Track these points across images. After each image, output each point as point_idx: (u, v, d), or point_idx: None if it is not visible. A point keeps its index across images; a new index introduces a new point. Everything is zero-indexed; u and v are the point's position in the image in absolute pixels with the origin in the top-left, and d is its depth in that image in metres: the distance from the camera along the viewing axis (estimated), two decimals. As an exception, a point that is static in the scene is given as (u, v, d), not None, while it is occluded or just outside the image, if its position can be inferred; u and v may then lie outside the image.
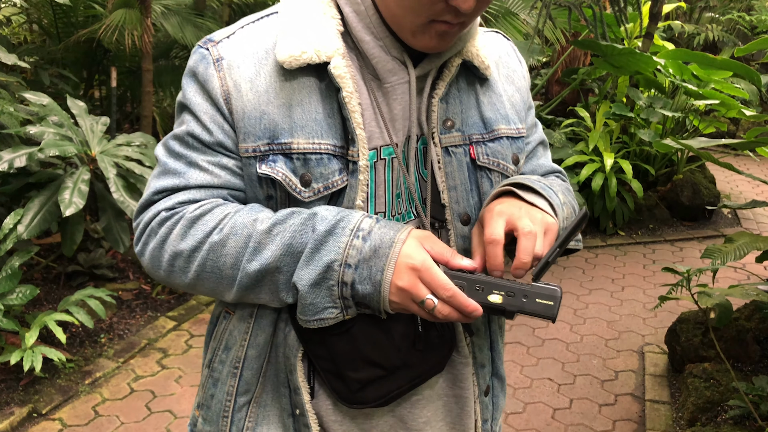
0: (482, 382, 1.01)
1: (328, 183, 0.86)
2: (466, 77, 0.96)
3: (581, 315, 3.78)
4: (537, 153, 1.10)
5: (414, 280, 0.80)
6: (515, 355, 3.32)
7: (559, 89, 6.34)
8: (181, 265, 0.88)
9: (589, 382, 3.11)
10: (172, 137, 0.92)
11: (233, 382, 0.94)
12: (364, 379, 0.88)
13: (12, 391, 2.78)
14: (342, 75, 0.85)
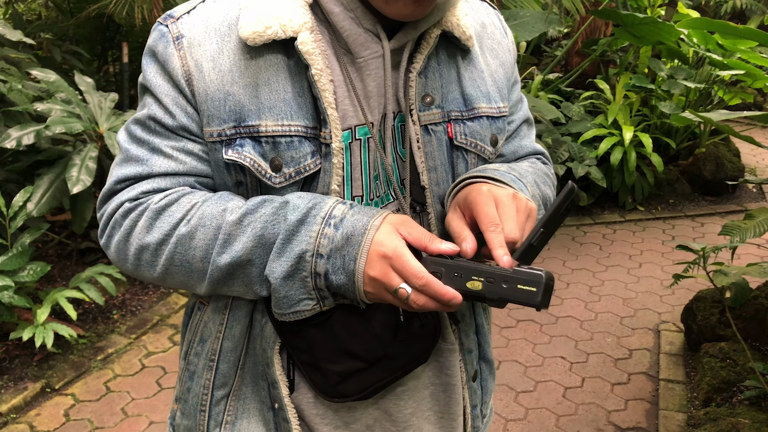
0: (470, 368, 0.98)
1: (299, 167, 0.81)
2: (446, 49, 0.90)
3: (596, 292, 3.72)
4: (520, 132, 1.04)
5: (386, 268, 0.75)
6: (527, 333, 3.28)
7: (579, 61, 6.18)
8: (149, 259, 0.83)
9: (602, 360, 3.07)
10: (133, 121, 0.87)
11: (209, 375, 0.90)
12: (344, 372, 0.84)
13: (26, 366, 2.81)
14: (310, 51, 0.79)
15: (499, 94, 0.95)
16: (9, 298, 2.60)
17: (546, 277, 0.73)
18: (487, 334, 1.02)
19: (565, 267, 4.03)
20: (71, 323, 2.98)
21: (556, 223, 0.76)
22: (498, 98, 0.95)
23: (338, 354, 0.83)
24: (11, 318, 2.75)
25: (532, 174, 0.97)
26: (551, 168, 1.08)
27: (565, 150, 4.67)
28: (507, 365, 3.01)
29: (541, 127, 4.76)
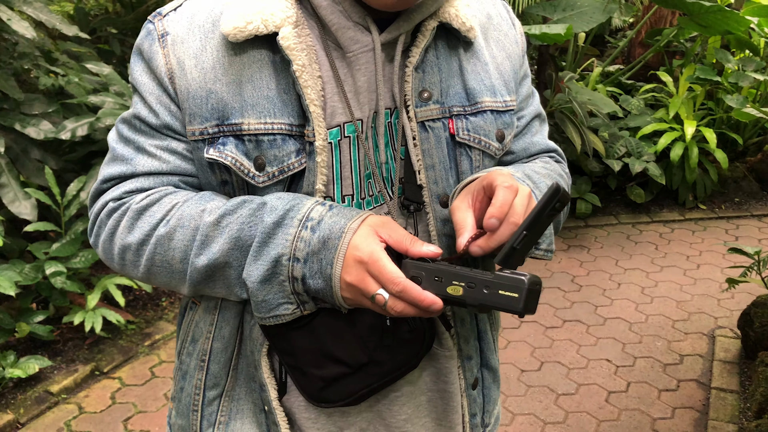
0: (469, 375, 0.94)
1: (283, 166, 0.79)
2: (447, 41, 0.86)
3: (649, 293, 3.58)
4: (531, 128, 1.00)
5: (362, 274, 0.73)
6: (573, 334, 3.19)
7: (642, 52, 5.95)
8: (131, 259, 0.83)
9: (650, 365, 2.95)
10: (121, 120, 0.87)
11: (200, 376, 0.90)
12: (328, 377, 0.82)
13: (78, 349, 2.93)
14: (292, 46, 0.77)
15: (506, 88, 0.91)
16: (62, 283, 2.71)
17: (529, 282, 0.69)
18: (491, 340, 0.98)
19: (617, 266, 3.90)
20: (120, 309, 3.08)
21: (541, 226, 0.72)
22: (504, 91, 0.91)
23: (322, 358, 0.81)
24: (64, 302, 2.87)
25: (547, 179, 0.93)
26: (565, 166, 1.04)
27: (622, 145, 4.51)
28: (549, 366, 2.93)
29: (597, 120, 4.61)
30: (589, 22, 4.35)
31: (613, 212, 4.65)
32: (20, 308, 2.84)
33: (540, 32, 3.65)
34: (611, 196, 4.82)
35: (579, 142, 4.06)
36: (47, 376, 2.74)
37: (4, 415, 2.50)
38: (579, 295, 3.57)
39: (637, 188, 4.60)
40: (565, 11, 4.48)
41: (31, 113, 2.93)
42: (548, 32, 3.62)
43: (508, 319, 3.31)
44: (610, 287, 3.66)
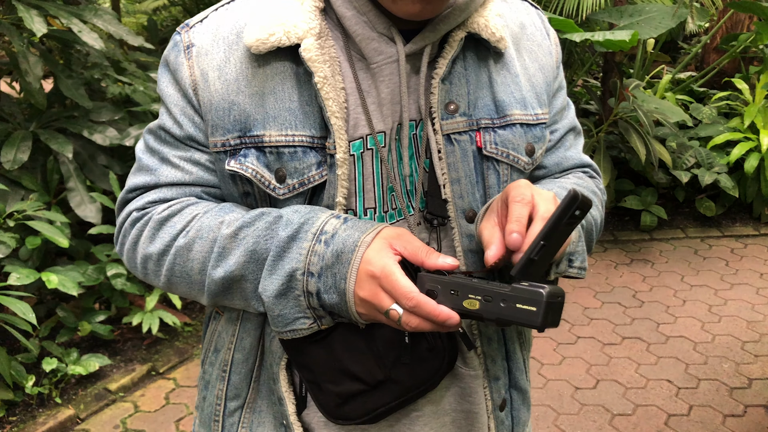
0: (497, 396, 0.91)
1: (303, 178, 0.79)
2: (476, 52, 0.84)
3: (717, 312, 3.40)
4: (565, 142, 0.96)
5: (375, 289, 0.71)
6: (632, 352, 3.06)
7: (718, 58, 5.70)
8: (153, 269, 0.84)
9: (715, 388, 2.80)
10: (148, 131, 0.88)
11: (222, 386, 0.89)
12: (345, 393, 0.80)
13: (136, 349, 3.03)
14: (314, 58, 0.76)
15: (537, 100, 0.88)
16: (122, 284, 2.81)
17: (548, 294, 0.65)
18: (520, 360, 0.94)
19: (683, 282, 3.72)
20: (177, 311, 3.17)
21: (560, 236, 0.68)
22: (536, 104, 0.88)
23: (338, 374, 0.79)
24: (124, 303, 2.97)
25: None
26: (600, 181, 0.99)
27: (691, 155, 4.32)
28: (605, 385, 2.82)
29: (665, 130, 4.43)
30: (657, 28, 4.19)
31: (680, 225, 4.46)
32: (83, 308, 2.96)
33: (604, 39, 3.54)
34: (679, 208, 4.62)
35: (644, 152, 3.91)
36: (106, 374, 2.84)
37: (65, 410, 2.61)
38: (640, 312, 3.43)
39: (708, 201, 4.39)
40: (633, 17, 4.34)
41: (99, 120, 3.06)
42: (612, 39, 3.51)
43: (564, 335, 3.22)
44: (674, 304, 3.50)
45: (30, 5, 2.59)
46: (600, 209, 0.96)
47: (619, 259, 4.05)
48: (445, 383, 0.88)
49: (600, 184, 0.98)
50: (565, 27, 3.53)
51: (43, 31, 2.44)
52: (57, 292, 2.94)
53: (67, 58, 3.29)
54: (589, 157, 1.02)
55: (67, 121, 3.01)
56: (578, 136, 0.99)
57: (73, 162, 2.92)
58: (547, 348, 3.11)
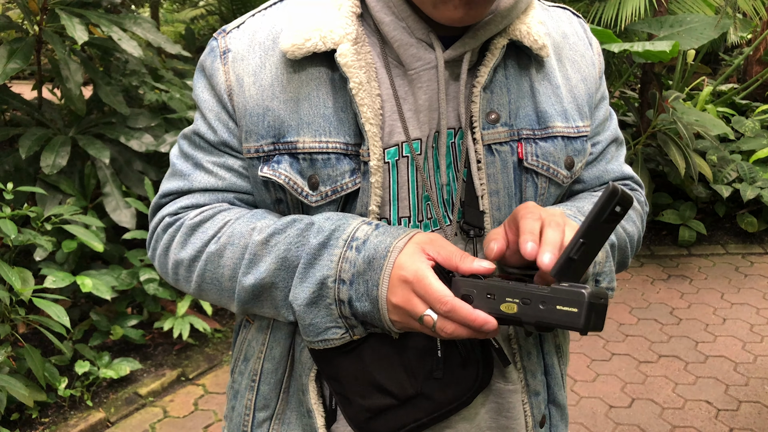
0: (536, 412, 0.88)
1: (336, 186, 0.77)
2: (517, 60, 0.82)
3: (759, 332, 3.29)
4: (607, 155, 0.93)
5: (408, 294, 0.69)
6: (669, 371, 2.98)
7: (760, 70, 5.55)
8: (184, 274, 0.84)
9: (757, 411, 2.70)
10: (182, 136, 0.88)
11: (251, 396, 0.88)
12: (374, 408, 0.78)
13: (167, 354, 3.05)
14: (349, 63, 0.74)
15: (578, 112, 0.86)
16: (154, 290, 2.83)
17: (590, 295, 0.62)
18: (558, 375, 0.91)
19: (723, 300, 3.61)
20: (207, 318, 3.18)
21: (601, 233, 0.65)
22: (577, 116, 0.85)
23: (368, 387, 0.77)
24: (156, 308, 3.00)
25: None
26: (642, 193, 0.96)
27: (732, 169, 4.20)
28: (640, 404, 2.74)
29: (705, 143, 4.33)
30: (699, 39, 4.10)
31: (720, 241, 4.33)
32: (116, 312, 2.99)
33: (643, 49, 3.47)
34: (719, 223, 4.49)
35: (683, 165, 3.81)
36: (137, 378, 2.86)
37: (96, 413, 2.63)
38: (678, 329, 3.33)
39: (750, 216, 4.27)
40: (673, 27, 4.25)
41: (136, 127, 3.10)
42: (652, 49, 3.44)
43: (599, 351, 3.14)
44: (714, 322, 3.39)
45: (72, 14, 2.64)
46: (639, 225, 0.93)
47: (656, 274, 3.95)
48: (481, 399, 0.85)
49: (641, 197, 0.95)
50: (603, 37, 3.48)
51: (85, 38, 2.49)
52: (91, 295, 2.98)
53: (106, 66, 3.35)
54: (627, 168, 0.99)
55: (104, 127, 3.06)
56: (620, 147, 0.96)
57: (110, 167, 2.96)
58: (580, 364, 3.04)
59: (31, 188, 2.54)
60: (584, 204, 0.88)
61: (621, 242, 0.87)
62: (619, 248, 0.87)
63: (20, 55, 2.63)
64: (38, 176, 2.86)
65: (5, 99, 2.96)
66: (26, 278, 2.38)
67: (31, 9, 2.90)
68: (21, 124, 3.11)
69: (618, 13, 4.21)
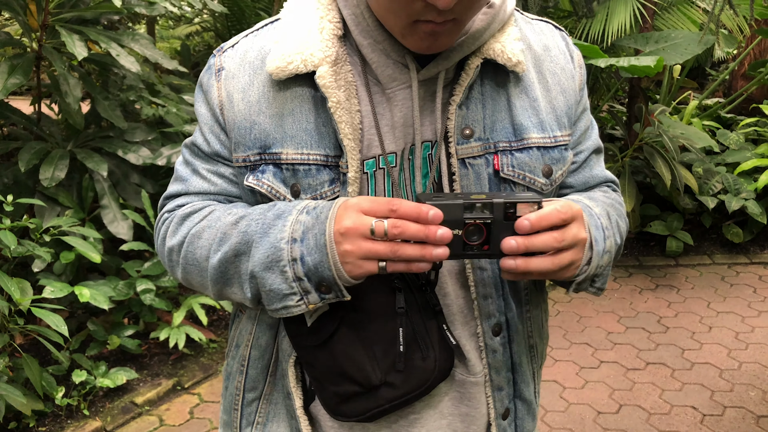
0: (499, 405, 0.94)
1: (316, 194, 0.84)
2: (495, 76, 0.87)
3: (744, 339, 3.36)
4: (590, 162, 1.00)
5: (355, 214, 0.74)
6: (656, 377, 3.04)
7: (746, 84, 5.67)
8: (175, 260, 0.91)
9: (741, 416, 2.76)
10: (184, 145, 0.96)
11: (241, 379, 0.96)
12: (343, 394, 0.85)
13: (163, 364, 3.09)
14: (327, 84, 0.81)
15: (557, 123, 0.91)
16: (151, 300, 2.88)
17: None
18: (527, 372, 0.97)
19: (709, 309, 3.68)
20: (203, 328, 3.23)
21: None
22: (555, 127, 0.91)
23: (337, 376, 0.84)
24: (153, 318, 3.04)
25: (608, 206, 0.94)
26: (620, 196, 1.03)
27: (718, 181, 4.29)
28: (628, 410, 2.80)
29: (691, 155, 4.42)
30: (683, 54, 4.20)
31: (707, 252, 4.41)
32: (113, 322, 3.03)
33: (629, 64, 3.57)
34: (705, 234, 4.58)
35: (669, 177, 3.90)
36: (133, 387, 2.90)
37: (93, 422, 2.67)
38: (665, 337, 3.40)
39: (735, 227, 4.35)
40: (658, 43, 4.36)
41: (133, 140, 3.16)
42: (637, 64, 3.53)
43: (587, 359, 3.20)
44: (700, 330, 3.46)
45: (72, 30, 2.71)
46: (625, 221, 0.99)
47: (643, 284, 4.02)
48: (445, 388, 0.92)
49: (620, 198, 1.02)
50: (590, 53, 3.57)
51: (84, 54, 2.56)
52: (88, 306, 3.02)
53: (104, 81, 3.42)
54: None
55: (102, 140, 3.12)
56: (600, 154, 1.02)
57: (108, 180, 3.02)
58: (569, 371, 3.10)
59: (31, 200, 2.59)
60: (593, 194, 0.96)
61: (621, 241, 0.94)
62: (619, 247, 0.94)
63: (20, 71, 2.69)
64: (37, 189, 2.91)
65: (5, 114, 3.02)
66: (25, 288, 2.43)
67: (31, 25, 2.97)
68: (20, 138, 3.17)
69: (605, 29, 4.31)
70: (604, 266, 0.86)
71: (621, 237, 0.95)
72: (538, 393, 1.02)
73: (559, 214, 0.77)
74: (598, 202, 0.92)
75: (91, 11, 3.02)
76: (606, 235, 0.86)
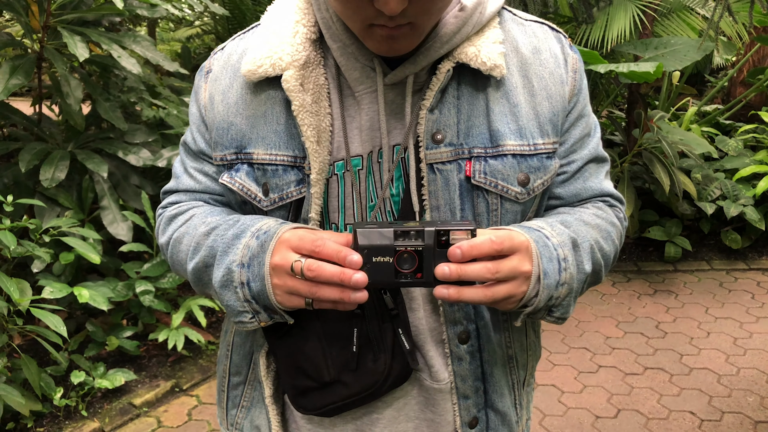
0: (465, 414, 0.93)
1: (283, 194, 0.86)
2: (474, 81, 0.85)
3: (742, 345, 3.36)
4: (585, 172, 0.94)
5: (285, 250, 0.77)
6: (654, 382, 3.04)
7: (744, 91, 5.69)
8: (166, 255, 0.97)
9: (739, 421, 2.76)
10: (181, 143, 1.00)
11: (227, 363, 1.00)
12: (298, 387, 0.88)
13: (161, 366, 3.08)
14: (291, 88, 0.82)
15: (539, 130, 0.86)
16: (150, 301, 2.88)
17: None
18: (501, 383, 0.95)
19: (707, 314, 3.69)
20: (202, 329, 3.23)
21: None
22: (537, 134, 0.86)
23: (294, 369, 0.88)
24: (151, 320, 3.04)
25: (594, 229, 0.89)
26: (621, 210, 0.99)
27: (716, 187, 4.31)
28: (626, 415, 2.80)
29: (690, 161, 4.43)
30: (683, 61, 4.22)
31: (705, 257, 4.42)
32: (112, 323, 3.03)
33: (628, 70, 3.58)
34: (704, 240, 4.58)
35: (668, 183, 3.91)
36: (131, 389, 2.90)
37: (91, 423, 2.66)
38: (663, 342, 3.40)
39: (733, 233, 4.36)
40: (657, 49, 4.38)
41: (134, 142, 3.17)
42: (636, 70, 3.55)
43: (586, 363, 3.20)
44: (698, 336, 3.47)
45: (74, 32, 2.71)
46: (616, 242, 0.94)
47: (642, 289, 4.03)
48: (412, 392, 0.93)
49: (620, 213, 0.97)
50: (589, 58, 3.58)
51: (86, 56, 2.56)
52: (86, 307, 3.02)
53: (105, 82, 3.42)
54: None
55: (103, 142, 3.13)
56: (600, 165, 0.96)
57: (108, 181, 3.02)
58: (567, 376, 3.10)
59: (30, 201, 2.59)
60: (568, 217, 0.89)
61: (596, 267, 0.89)
62: (594, 272, 0.89)
63: (21, 71, 2.69)
64: (37, 189, 2.92)
65: (6, 114, 3.03)
66: (24, 289, 2.43)
67: (33, 26, 2.97)
68: (20, 138, 3.17)
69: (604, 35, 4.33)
70: (562, 297, 0.82)
71: (601, 263, 0.89)
72: (520, 404, 0.99)
73: (492, 244, 0.74)
74: (570, 228, 0.86)
75: (93, 13, 3.02)
76: (563, 267, 0.80)
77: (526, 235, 0.80)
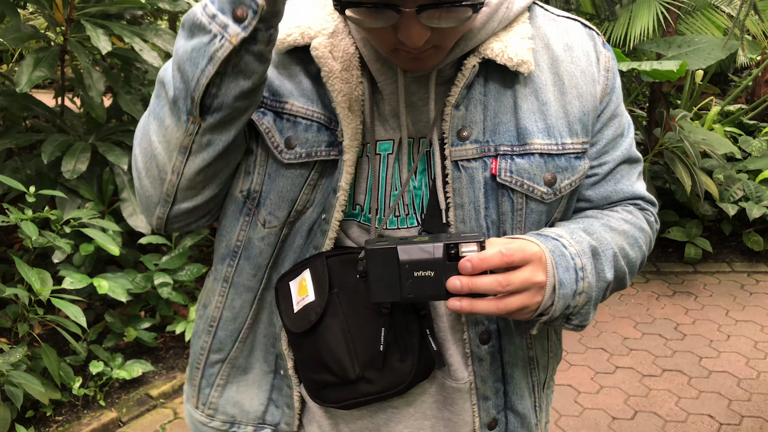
0: (484, 414, 0.92)
1: (312, 150, 0.83)
2: (502, 77, 0.83)
3: (763, 349, 3.31)
4: (616, 174, 0.92)
5: None
6: (673, 385, 3.01)
7: (768, 91, 5.61)
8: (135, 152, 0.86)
9: (759, 425, 2.72)
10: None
11: (207, 339, 0.95)
12: (320, 381, 0.87)
13: (178, 357, 3.11)
14: (320, 54, 0.79)
15: (568, 129, 0.85)
16: (168, 293, 2.90)
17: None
18: (522, 385, 0.94)
19: (728, 317, 3.64)
20: (219, 322, 3.24)
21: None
22: (566, 133, 0.85)
23: (317, 364, 0.86)
24: (169, 312, 3.06)
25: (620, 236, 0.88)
26: (653, 213, 0.96)
27: (739, 188, 4.25)
28: (643, 417, 2.78)
29: (712, 162, 4.38)
30: (706, 60, 4.16)
31: (726, 259, 4.36)
32: (130, 314, 3.06)
33: (651, 69, 3.54)
34: (725, 242, 4.52)
35: (689, 183, 3.86)
36: (149, 380, 2.92)
37: (109, 413, 2.69)
38: (682, 344, 3.37)
39: (756, 235, 4.30)
40: (681, 48, 4.32)
41: (153, 135, 3.18)
42: (660, 69, 3.50)
43: (603, 364, 3.18)
44: (718, 338, 3.42)
45: (97, 25, 2.73)
46: (644, 248, 0.93)
47: (661, 290, 3.98)
48: (431, 390, 0.92)
49: (651, 217, 0.95)
50: (611, 56, 3.54)
51: (108, 48, 2.58)
52: (105, 298, 3.05)
53: (126, 75, 3.45)
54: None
55: (123, 134, 3.15)
56: (633, 166, 0.94)
57: (128, 174, 3.04)
58: (584, 376, 3.08)
59: (52, 192, 2.62)
60: (593, 223, 0.88)
61: (619, 274, 0.87)
62: (617, 279, 0.87)
63: (45, 64, 2.72)
64: (59, 181, 2.94)
65: (29, 106, 3.06)
66: (45, 279, 2.45)
67: (56, 19, 3.00)
68: (43, 130, 3.20)
69: (627, 33, 4.28)
70: (579, 306, 0.81)
71: (625, 270, 0.88)
72: (540, 407, 0.98)
73: (503, 257, 0.74)
74: (593, 235, 0.85)
75: (116, 6, 3.04)
76: (580, 276, 0.80)
77: (541, 244, 0.79)
